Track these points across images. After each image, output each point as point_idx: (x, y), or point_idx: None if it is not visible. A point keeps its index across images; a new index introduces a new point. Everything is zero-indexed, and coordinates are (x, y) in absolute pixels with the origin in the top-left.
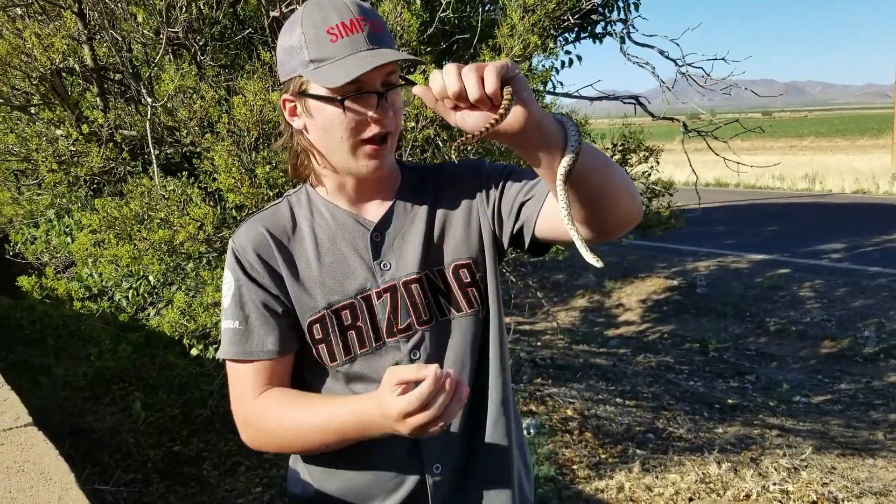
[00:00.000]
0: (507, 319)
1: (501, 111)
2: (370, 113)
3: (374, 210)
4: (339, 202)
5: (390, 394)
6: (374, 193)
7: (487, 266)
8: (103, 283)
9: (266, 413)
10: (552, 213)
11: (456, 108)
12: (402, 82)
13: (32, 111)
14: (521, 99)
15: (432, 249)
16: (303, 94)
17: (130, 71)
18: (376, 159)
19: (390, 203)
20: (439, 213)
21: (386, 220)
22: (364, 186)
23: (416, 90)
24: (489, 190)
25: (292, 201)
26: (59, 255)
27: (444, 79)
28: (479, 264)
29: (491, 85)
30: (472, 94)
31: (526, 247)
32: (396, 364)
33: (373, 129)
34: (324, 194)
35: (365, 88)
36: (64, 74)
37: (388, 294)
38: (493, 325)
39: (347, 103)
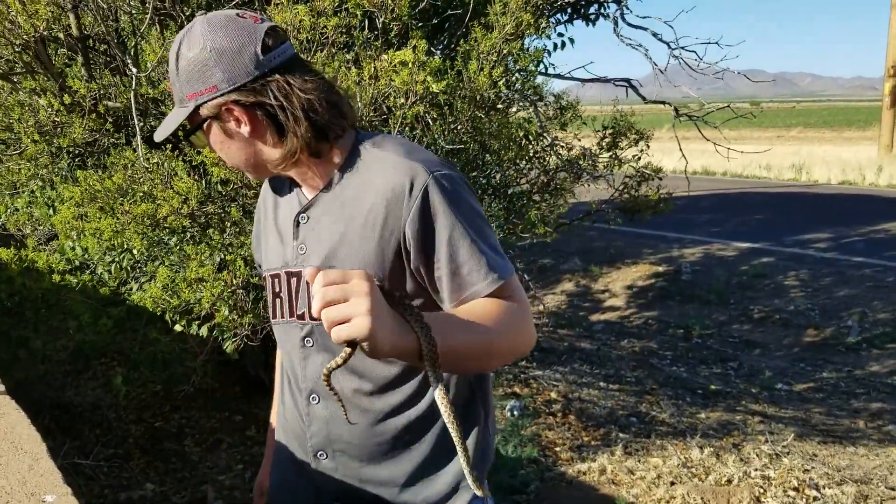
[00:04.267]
0: None
1: (327, 368)
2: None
3: (311, 191)
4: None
5: None
6: (303, 178)
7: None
8: (85, 256)
9: None
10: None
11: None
12: (192, 127)
13: (15, 80)
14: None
15: (338, 251)
16: None
17: (116, 41)
18: (251, 176)
19: (325, 183)
20: (360, 217)
21: (312, 204)
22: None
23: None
24: (419, 246)
25: None
26: (41, 227)
27: (316, 301)
28: (384, 284)
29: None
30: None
31: None
32: (294, 345)
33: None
34: None
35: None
36: (49, 43)
37: (296, 278)
38: None
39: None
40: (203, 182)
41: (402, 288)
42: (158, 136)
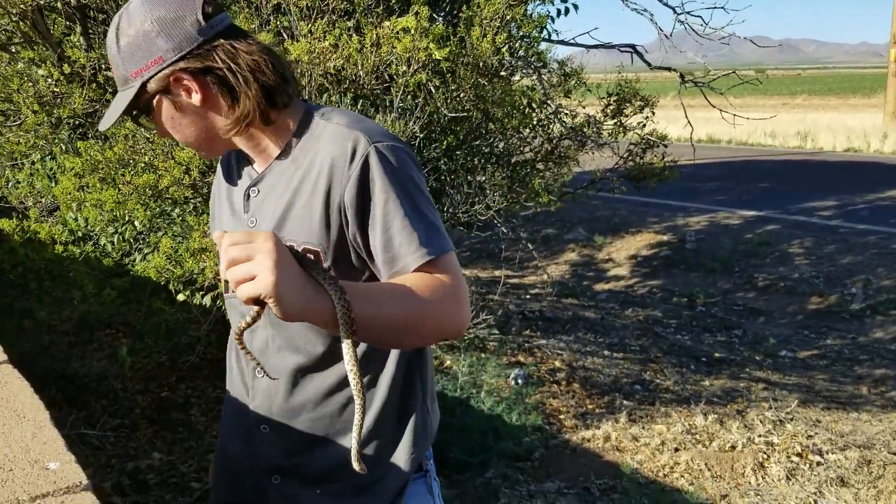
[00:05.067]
0: (497, 272)
1: (241, 325)
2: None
3: (262, 163)
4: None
5: None
6: (254, 152)
7: (341, 262)
8: (88, 227)
9: None
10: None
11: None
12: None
13: (13, 50)
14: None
15: (288, 223)
16: None
17: (115, 9)
18: (205, 155)
19: (281, 150)
20: (307, 188)
21: (261, 177)
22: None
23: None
24: (357, 215)
25: None
26: (43, 198)
27: (222, 262)
28: (327, 257)
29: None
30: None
31: None
32: (243, 316)
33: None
34: None
35: None
36: (46, 13)
37: None
38: None
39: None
40: None
41: (347, 259)
42: (103, 124)
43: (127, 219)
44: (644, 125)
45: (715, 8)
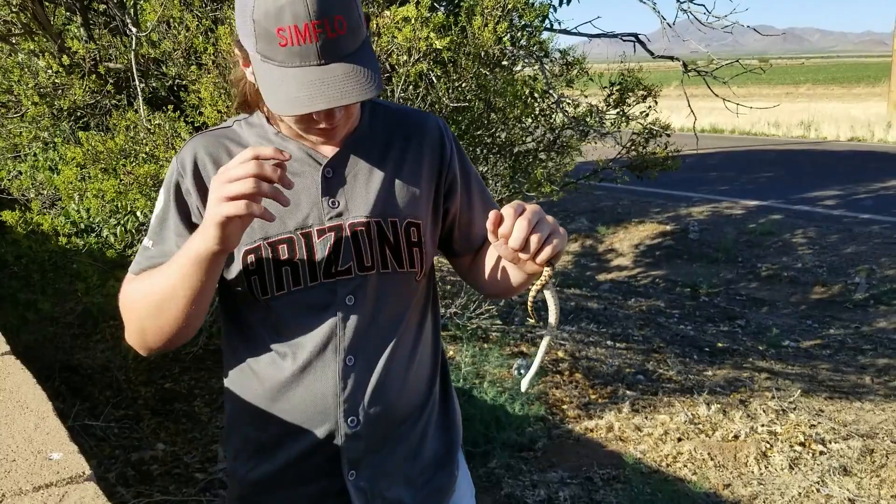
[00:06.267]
0: None
1: (538, 286)
2: (316, 119)
3: (330, 148)
4: (293, 137)
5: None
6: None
7: (430, 237)
8: (90, 218)
9: (128, 288)
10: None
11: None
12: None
13: (13, 41)
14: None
15: (389, 198)
16: (252, 65)
17: (115, 0)
18: (325, 137)
19: (339, 137)
20: (402, 163)
21: (341, 158)
22: None
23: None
24: (458, 189)
25: (243, 125)
26: (45, 190)
27: (515, 233)
28: (425, 230)
29: (541, 260)
30: (524, 256)
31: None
32: (327, 307)
33: (321, 124)
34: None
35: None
36: (46, 3)
37: (333, 233)
38: (429, 295)
39: None
40: None
41: (434, 227)
42: (368, 92)
43: (129, 209)
44: (647, 115)
45: None
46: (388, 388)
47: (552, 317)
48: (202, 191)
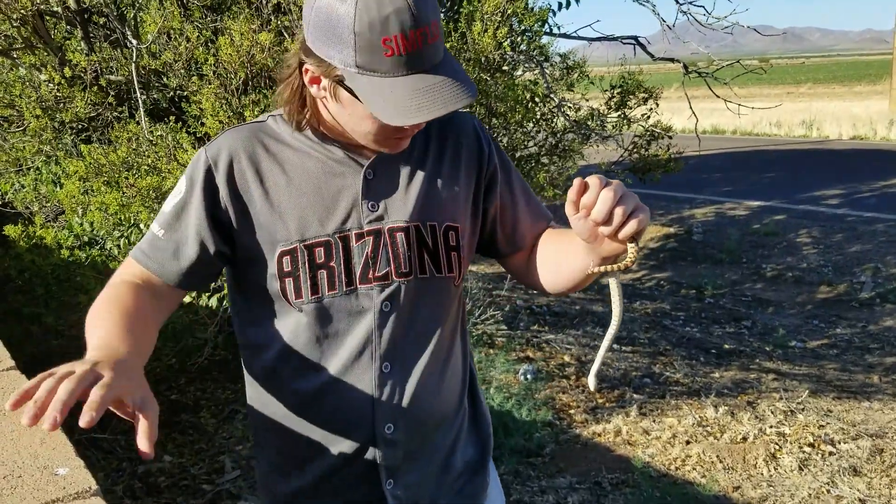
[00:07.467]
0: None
1: (628, 263)
2: (407, 128)
3: (369, 151)
4: (335, 137)
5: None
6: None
7: (468, 240)
8: (93, 231)
9: (104, 294)
10: (540, 260)
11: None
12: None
13: (15, 56)
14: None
15: (428, 201)
16: (336, 81)
17: (115, 13)
18: (394, 147)
19: None
20: (441, 164)
21: (382, 160)
22: None
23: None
24: (497, 187)
25: (278, 120)
26: (48, 203)
27: (599, 204)
28: (463, 233)
29: (625, 235)
30: (607, 230)
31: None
32: (363, 313)
33: (404, 132)
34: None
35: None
36: (47, 18)
37: (371, 238)
38: (461, 299)
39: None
40: None
41: (473, 230)
42: (471, 93)
43: (132, 221)
44: (648, 117)
45: None
46: (424, 394)
47: (616, 307)
48: (233, 187)
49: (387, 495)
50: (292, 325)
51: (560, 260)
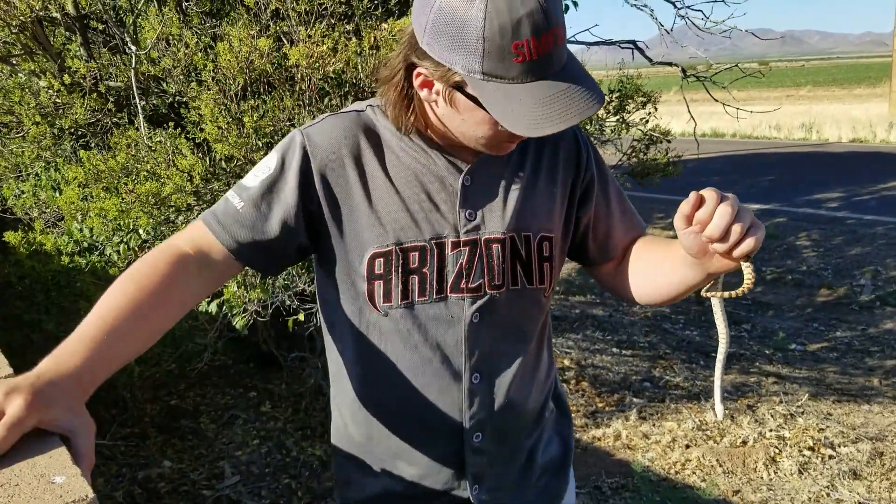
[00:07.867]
0: None
1: (747, 287)
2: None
3: (468, 154)
4: (437, 138)
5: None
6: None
7: (559, 250)
8: (93, 237)
9: (135, 266)
10: (636, 271)
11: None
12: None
13: (14, 62)
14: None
15: (523, 210)
16: (454, 86)
17: (114, 19)
18: (506, 151)
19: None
20: (538, 171)
21: (480, 165)
22: None
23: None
24: (593, 196)
25: (377, 111)
26: (48, 209)
27: (716, 219)
28: (556, 243)
29: (740, 254)
30: (722, 247)
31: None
32: (451, 323)
33: (517, 137)
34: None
35: None
36: (46, 24)
37: (468, 248)
38: (548, 308)
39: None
40: (207, 159)
41: (565, 238)
42: (600, 99)
43: (132, 227)
44: (647, 121)
45: (716, 2)
46: (512, 405)
47: (721, 326)
48: (329, 180)
49: (472, 500)
50: (378, 331)
51: (657, 271)
